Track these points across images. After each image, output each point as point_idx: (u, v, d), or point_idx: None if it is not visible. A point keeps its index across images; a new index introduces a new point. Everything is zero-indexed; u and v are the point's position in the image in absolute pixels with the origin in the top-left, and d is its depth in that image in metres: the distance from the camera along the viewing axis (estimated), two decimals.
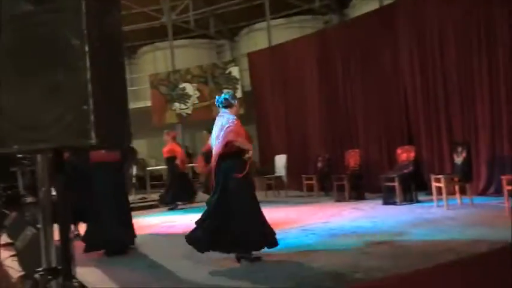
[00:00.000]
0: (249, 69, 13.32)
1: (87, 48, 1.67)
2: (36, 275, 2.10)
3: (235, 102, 4.86)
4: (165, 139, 9.80)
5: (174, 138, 10.00)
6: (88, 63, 1.66)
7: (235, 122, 4.71)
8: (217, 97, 4.96)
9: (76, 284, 1.85)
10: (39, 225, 2.20)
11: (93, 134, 1.62)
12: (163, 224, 7.82)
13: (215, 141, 4.73)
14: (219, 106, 4.90)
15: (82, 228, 5.89)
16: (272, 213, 7.32)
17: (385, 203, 7.68)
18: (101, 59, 1.71)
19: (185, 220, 7.61)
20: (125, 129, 1.78)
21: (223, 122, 4.75)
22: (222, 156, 4.62)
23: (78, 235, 5.95)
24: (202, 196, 9.05)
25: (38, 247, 2.12)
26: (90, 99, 1.64)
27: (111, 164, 5.54)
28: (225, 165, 4.58)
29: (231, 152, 4.61)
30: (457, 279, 3.82)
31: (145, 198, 11.65)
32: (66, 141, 1.67)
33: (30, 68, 1.72)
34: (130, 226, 5.69)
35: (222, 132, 4.67)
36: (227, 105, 4.85)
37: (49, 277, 2.00)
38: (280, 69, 11.97)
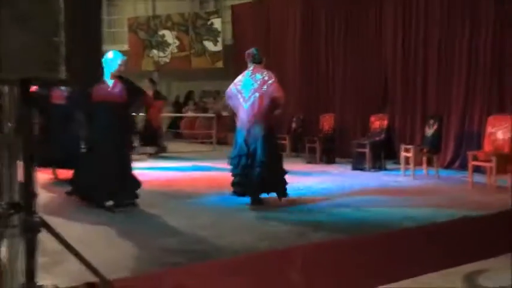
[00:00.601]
0: (232, 22, 13.05)
1: None
2: None
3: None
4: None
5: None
6: None
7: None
8: (251, 51, 5.13)
9: (37, 219, 1.83)
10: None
11: (62, 68, 1.56)
12: None
13: (250, 96, 4.83)
14: (252, 61, 5.00)
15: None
16: None
17: (354, 168, 7.82)
18: None
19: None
20: (97, 67, 1.72)
21: (264, 77, 4.86)
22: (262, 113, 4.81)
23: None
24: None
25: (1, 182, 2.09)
26: (61, 31, 1.57)
27: (116, 105, 4.87)
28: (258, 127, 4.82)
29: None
30: (415, 245, 3.96)
31: None
32: (33, 73, 1.60)
33: None
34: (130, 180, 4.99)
35: (266, 87, 4.82)
36: (260, 60, 4.91)
37: (11, 211, 1.98)
38: (263, 25, 11.75)
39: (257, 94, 4.87)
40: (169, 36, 14.35)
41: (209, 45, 13.85)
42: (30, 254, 1.78)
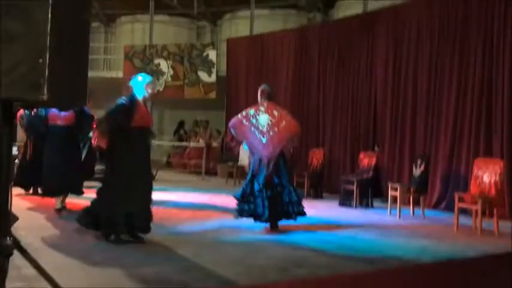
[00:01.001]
0: (227, 55, 13.23)
1: (50, 1, 1.60)
2: None
3: None
4: None
5: None
6: (49, 16, 1.59)
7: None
8: (266, 88, 5.63)
9: (8, 242, 1.79)
10: None
11: (45, 89, 1.56)
12: None
13: (268, 130, 5.35)
14: (267, 98, 5.55)
15: None
16: (229, 201, 7.36)
17: (342, 204, 7.80)
18: (64, 14, 1.65)
19: None
20: (81, 90, 1.72)
21: (281, 112, 5.50)
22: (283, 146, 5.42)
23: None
24: None
25: None
26: (46, 53, 1.57)
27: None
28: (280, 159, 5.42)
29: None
30: (400, 285, 3.92)
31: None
32: (16, 93, 1.60)
33: None
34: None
35: (284, 122, 5.46)
36: (273, 97, 5.28)
37: None
38: (257, 59, 11.93)
39: (276, 129, 5.43)
40: (164, 65, 14.48)
41: (203, 75, 13.99)
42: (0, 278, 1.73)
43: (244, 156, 10.85)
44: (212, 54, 13.96)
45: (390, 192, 7.15)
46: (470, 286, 4.27)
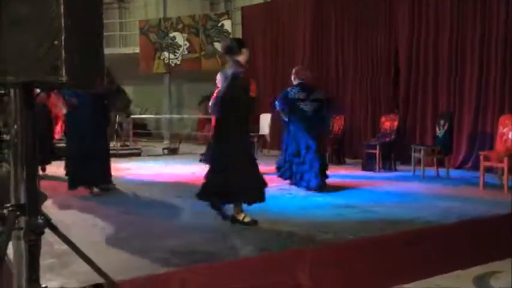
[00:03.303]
0: (242, 24, 13.05)
1: None
2: (5, 211, 2.09)
3: None
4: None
5: None
6: None
7: None
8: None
9: (41, 220, 1.85)
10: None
11: (63, 71, 1.58)
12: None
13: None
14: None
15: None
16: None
17: (364, 169, 7.77)
18: None
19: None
20: (98, 70, 1.73)
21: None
22: None
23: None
24: None
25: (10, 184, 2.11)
26: (62, 35, 1.58)
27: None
28: None
29: None
30: (425, 247, 3.93)
31: (126, 145, 11.62)
32: (35, 76, 1.62)
33: None
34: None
35: None
36: None
37: (17, 213, 2.00)
38: (273, 26, 11.75)
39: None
40: (179, 38, 14.42)
41: (219, 46, 13.89)
42: (33, 256, 1.79)
43: (264, 125, 10.85)
44: (227, 24, 13.81)
45: (413, 154, 7.09)
46: (497, 243, 4.26)
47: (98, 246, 3.52)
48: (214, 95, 4.83)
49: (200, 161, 8.39)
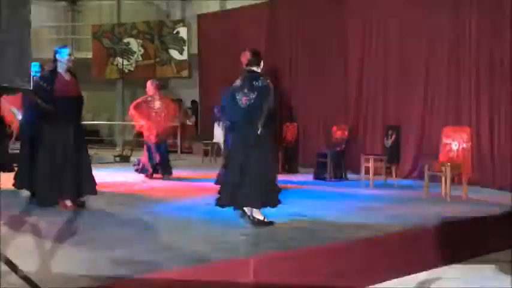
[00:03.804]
0: (198, 32, 13.02)
1: None
2: None
3: None
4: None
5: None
6: None
7: None
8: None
9: None
10: None
11: None
12: None
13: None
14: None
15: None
16: (203, 180, 7.36)
17: (316, 178, 7.87)
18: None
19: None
20: (22, 70, 1.66)
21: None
22: None
23: None
24: None
25: None
26: None
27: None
28: None
29: None
30: (370, 255, 4.00)
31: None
32: None
33: None
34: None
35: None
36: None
37: None
38: (229, 35, 11.76)
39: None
40: (134, 44, 14.22)
41: (175, 54, 13.79)
42: None
43: (219, 134, 10.82)
44: (183, 32, 13.75)
45: (363, 164, 7.24)
46: (439, 249, 4.39)
47: (34, 255, 3.37)
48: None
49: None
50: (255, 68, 4.67)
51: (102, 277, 2.94)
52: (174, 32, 13.81)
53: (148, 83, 7.89)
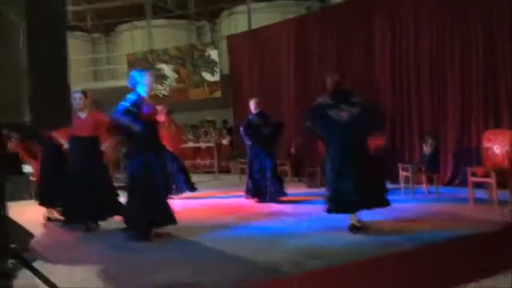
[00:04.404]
0: (228, 53, 13.22)
1: (25, 24, 1.62)
2: None
3: None
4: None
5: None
6: (25, 39, 1.61)
7: None
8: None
9: (11, 264, 1.82)
10: None
11: (27, 112, 1.58)
12: None
13: None
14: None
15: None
16: (241, 198, 7.40)
17: None
18: (40, 38, 1.66)
19: None
20: (64, 110, 1.74)
21: None
22: None
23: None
24: None
25: None
26: (25, 77, 1.59)
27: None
28: None
29: None
30: (417, 267, 3.90)
31: (117, 177, 11.52)
32: (1, 118, 1.62)
33: None
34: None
35: None
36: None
37: None
38: (258, 54, 11.90)
39: None
40: (167, 69, 14.55)
41: (207, 75, 14.03)
42: None
43: None
44: (214, 54, 13.98)
45: (401, 173, 7.10)
46: (490, 259, 4.23)
47: (83, 286, 3.46)
48: None
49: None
50: (343, 87, 5.27)
51: None
52: (205, 54, 14.07)
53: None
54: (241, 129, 7.50)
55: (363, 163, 4.73)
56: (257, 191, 7.13)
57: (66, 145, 5.64)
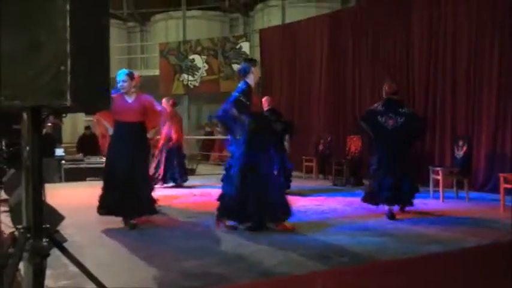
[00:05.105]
0: (260, 46, 13.19)
1: (68, 7, 1.64)
2: (16, 232, 2.12)
3: None
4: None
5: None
6: (68, 23, 1.64)
7: None
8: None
9: (45, 243, 1.86)
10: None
11: (68, 96, 1.61)
12: None
13: None
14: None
15: None
16: None
17: None
18: (83, 21, 1.69)
19: None
20: (103, 94, 1.77)
21: None
22: None
23: None
24: None
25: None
26: (68, 60, 1.62)
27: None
28: None
29: None
30: (443, 272, 3.83)
31: None
32: (41, 101, 1.66)
33: (11, 24, 1.69)
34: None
35: None
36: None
37: (28, 235, 2.02)
38: (291, 48, 11.83)
39: None
40: (199, 60, 14.64)
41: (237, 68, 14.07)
42: (38, 279, 1.81)
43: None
44: (245, 46, 13.98)
45: (432, 176, 6.97)
46: None
47: (110, 268, 3.53)
48: None
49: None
50: (396, 97, 5.73)
51: None
52: (237, 47, 14.08)
53: (164, 101, 8.15)
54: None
55: (402, 166, 5.49)
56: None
57: (110, 130, 5.25)
